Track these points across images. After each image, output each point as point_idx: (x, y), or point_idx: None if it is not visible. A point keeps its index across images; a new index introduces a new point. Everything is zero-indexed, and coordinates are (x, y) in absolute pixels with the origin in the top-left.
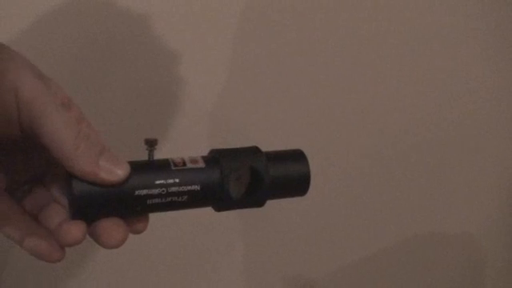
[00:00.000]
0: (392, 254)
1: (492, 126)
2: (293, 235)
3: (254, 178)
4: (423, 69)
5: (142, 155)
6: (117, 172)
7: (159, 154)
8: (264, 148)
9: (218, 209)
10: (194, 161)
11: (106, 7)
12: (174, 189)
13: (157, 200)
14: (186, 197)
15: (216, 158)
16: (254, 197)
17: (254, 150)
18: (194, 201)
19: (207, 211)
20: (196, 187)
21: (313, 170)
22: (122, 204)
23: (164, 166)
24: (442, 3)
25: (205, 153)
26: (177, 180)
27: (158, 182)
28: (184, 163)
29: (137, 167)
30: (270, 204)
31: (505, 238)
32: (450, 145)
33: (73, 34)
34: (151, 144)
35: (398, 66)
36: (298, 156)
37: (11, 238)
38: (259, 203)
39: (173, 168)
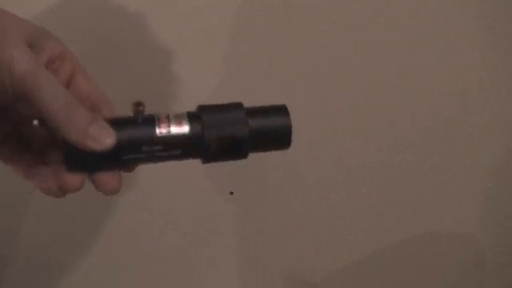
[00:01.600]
0: (392, 253)
1: (492, 126)
2: (293, 235)
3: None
4: (424, 67)
5: None
6: (104, 141)
7: None
8: None
9: (203, 162)
10: (178, 122)
11: (103, 6)
12: (158, 153)
13: (142, 160)
14: (168, 156)
15: (199, 116)
16: (235, 148)
17: (236, 105)
18: (176, 158)
19: (208, 211)
20: (178, 151)
21: (313, 170)
22: (110, 165)
23: (149, 130)
24: (443, 3)
25: None
26: (160, 147)
27: (144, 149)
28: (169, 125)
29: (123, 129)
30: (271, 204)
31: (505, 239)
32: (449, 144)
33: (68, 34)
34: (138, 107)
35: (397, 64)
36: (279, 109)
37: (18, 174)
38: (242, 154)
39: (158, 134)
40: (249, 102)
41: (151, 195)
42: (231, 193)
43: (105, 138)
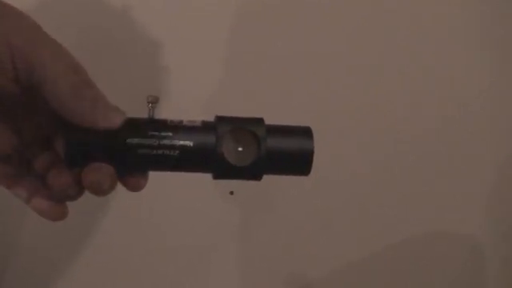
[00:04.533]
0: (392, 253)
1: (491, 126)
2: (293, 235)
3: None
4: (424, 67)
5: None
6: (114, 118)
7: None
8: None
9: (214, 174)
10: (191, 121)
11: (101, 5)
12: (166, 141)
13: (148, 150)
14: (177, 152)
15: (215, 121)
16: (249, 166)
17: (257, 120)
18: (186, 158)
19: (207, 211)
20: (189, 143)
21: (313, 170)
22: (114, 151)
23: (160, 121)
24: (443, 3)
25: None
26: (170, 133)
27: (150, 133)
28: (181, 122)
29: (134, 120)
30: (271, 203)
31: (505, 239)
32: (449, 144)
33: (67, 32)
34: (152, 101)
35: (397, 64)
36: (303, 132)
37: (19, 197)
38: (255, 174)
39: (168, 123)
40: (248, 101)
41: (150, 195)
42: (231, 193)
43: (114, 115)
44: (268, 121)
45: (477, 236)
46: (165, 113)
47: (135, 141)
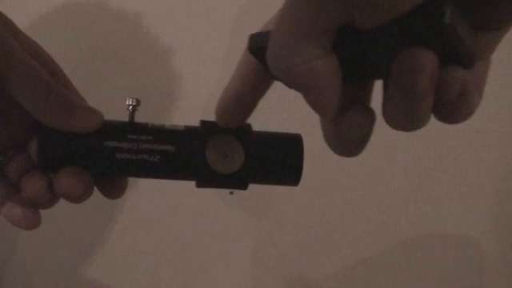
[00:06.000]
0: (392, 254)
1: (491, 126)
2: (293, 235)
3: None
4: None
5: None
6: (89, 120)
7: None
8: None
9: (198, 182)
10: (174, 125)
11: (103, 7)
12: (146, 145)
13: (126, 155)
14: (158, 157)
15: (199, 126)
16: (234, 173)
17: (243, 126)
18: (167, 164)
19: (207, 211)
20: (170, 147)
21: (314, 169)
22: (90, 155)
23: (140, 124)
24: None
25: None
26: (150, 137)
27: (129, 137)
28: (163, 126)
29: (112, 122)
30: (271, 204)
31: (504, 240)
32: (447, 144)
33: (69, 35)
34: (132, 103)
35: None
36: (292, 140)
37: None
38: (241, 183)
39: (149, 127)
40: None
41: (149, 196)
42: (231, 193)
43: (90, 117)
44: (265, 125)
45: (478, 237)
46: (164, 115)
47: (112, 144)
